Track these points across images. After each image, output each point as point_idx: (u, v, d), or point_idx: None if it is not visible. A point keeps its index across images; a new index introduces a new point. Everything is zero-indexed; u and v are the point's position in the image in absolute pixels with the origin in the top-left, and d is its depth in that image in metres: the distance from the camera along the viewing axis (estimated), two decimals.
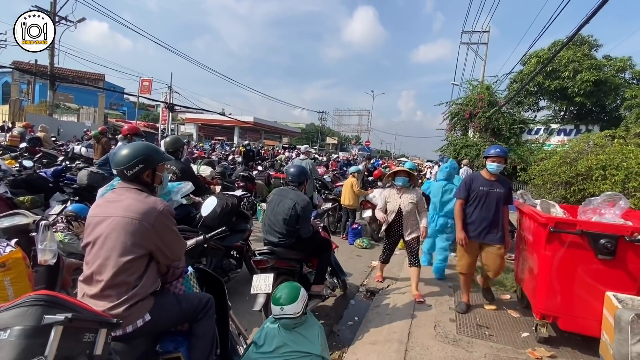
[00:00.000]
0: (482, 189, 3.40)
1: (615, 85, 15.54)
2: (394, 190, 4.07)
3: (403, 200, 3.96)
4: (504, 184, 3.47)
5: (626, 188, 4.20)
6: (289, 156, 16.93)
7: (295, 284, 2.18)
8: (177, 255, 1.78)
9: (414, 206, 3.96)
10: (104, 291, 1.54)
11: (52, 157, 7.92)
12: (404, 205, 3.95)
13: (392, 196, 4.06)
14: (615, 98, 15.83)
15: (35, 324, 1.11)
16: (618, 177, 4.22)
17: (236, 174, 8.06)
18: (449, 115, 18.77)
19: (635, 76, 16.08)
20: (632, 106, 12.93)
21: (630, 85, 15.44)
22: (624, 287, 2.68)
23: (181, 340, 1.82)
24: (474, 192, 3.45)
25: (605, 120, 16.27)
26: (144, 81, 22.48)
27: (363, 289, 4.57)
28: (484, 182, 3.43)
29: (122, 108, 38.00)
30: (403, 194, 3.99)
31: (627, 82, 15.93)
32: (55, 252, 2.25)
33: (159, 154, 1.87)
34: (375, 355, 2.85)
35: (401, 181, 3.99)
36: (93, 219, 1.67)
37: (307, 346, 1.98)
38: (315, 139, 49.36)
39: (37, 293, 1.20)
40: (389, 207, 4.05)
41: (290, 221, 3.09)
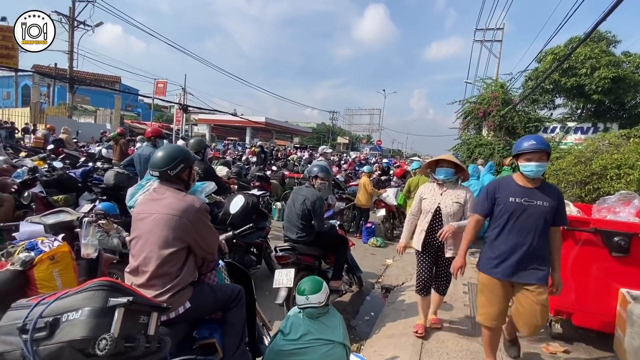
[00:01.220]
0: (515, 200, 2.32)
1: (634, 82, 15.15)
2: (433, 184, 3.12)
3: (445, 199, 2.97)
4: (550, 193, 2.32)
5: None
6: (301, 156, 17.13)
7: (318, 277, 2.32)
8: (211, 249, 1.93)
9: (459, 208, 2.92)
10: (150, 281, 1.70)
11: (74, 158, 8.24)
12: (446, 206, 2.94)
13: (429, 192, 3.08)
14: (634, 95, 15.44)
15: (102, 305, 1.27)
16: (633, 176, 4.22)
17: (251, 174, 8.24)
18: (462, 114, 18.63)
19: None
20: None
21: None
22: (638, 284, 2.73)
23: (215, 327, 1.97)
24: (502, 205, 2.37)
25: (625, 118, 15.89)
26: (158, 83, 23.00)
27: (378, 286, 4.69)
28: (517, 190, 2.35)
29: (136, 109, 38.84)
30: (446, 190, 3.02)
31: None
32: (96, 246, 2.45)
33: (192, 154, 2.05)
34: (393, 347, 2.97)
35: (443, 173, 2.98)
36: (138, 215, 1.84)
37: (330, 335, 2.11)
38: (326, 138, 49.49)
39: (100, 279, 1.37)
40: (424, 206, 3.07)
41: (304, 216, 3.27)
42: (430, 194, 3.07)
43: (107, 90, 27.21)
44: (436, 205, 2.98)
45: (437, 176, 3.04)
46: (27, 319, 1.29)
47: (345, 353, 2.15)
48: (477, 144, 16.91)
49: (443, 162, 3.03)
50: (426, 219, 3.02)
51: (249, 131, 36.45)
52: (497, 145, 16.11)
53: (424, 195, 3.10)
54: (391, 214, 7.14)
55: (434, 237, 2.98)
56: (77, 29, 17.33)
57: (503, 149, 15.77)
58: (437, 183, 3.08)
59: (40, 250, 2.14)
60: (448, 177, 3.00)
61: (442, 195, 3.01)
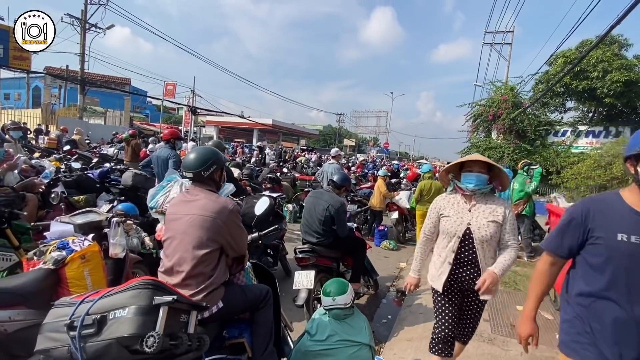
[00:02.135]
0: (630, 240, 1.34)
1: None
2: (457, 196, 2.22)
3: (476, 217, 2.10)
4: None
5: None
6: (308, 158, 17.16)
7: (343, 279, 2.34)
8: (242, 249, 1.96)
9: (496, 229, 2.07)
10: (185, 281, 1.73)
11: (87, 159, 8.36)
12: (479, 227, 2.07)
13: (452, 207, 2.19)
14: None
15: (148, 304, 1.29)
16: None
17: (263, 176, 8.29)
18: (471, 117, 18.56)
19: None
20: None
21: None
22: None
23: (244, 327, 1.99)
24: (604, 245, 1.40)
25: (637, 122, 15.72)
26: (168, 85, 23.24)
27: (393, 289, 4.68)
28: (632, 220, 1.37)
29: (145, 111, 39.23)
30: (476, 204, 2.13)
31: None
32: (124, 246, 2.49)
33: (223, 155, 2.08)
34: (413, 350, 2.96)
35: (474, 181, 2.09)
36: (171, 216, 1.87)
37: (357, 336, 2.12)
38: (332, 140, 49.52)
39: (144, 278, 1.40)
40: (445, 228, 2.16)
41: (326, 222, 3.27)
42: (454, 211, 2.13)
43: (117, 92, 27.55)
44: (465, 226, 2.07)
45: (465, 185, 2.10)
46: (74, 316, 1.32)
47: (371, 355, 2.15)
48: (487, 147, 16.84)
49: (472, 164, 2.10)
50: (450, 246, 2.11)
51: (256, 133, 36.61)
52: (507, 148, 16.02)
53: (444, 211, 2.17)
54: (403, 217, 7.12)
55: (462, 272, 2.10)
56: (89, 32, 17.60)
57: (513, 152, 15.68)
58: (463, 194, 2.15)
59: (72, 249, 2.18)
60: (480, 185, 2.07)
61: (471, 211, 2.09)
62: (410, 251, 6.45)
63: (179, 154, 5.03)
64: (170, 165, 4.69)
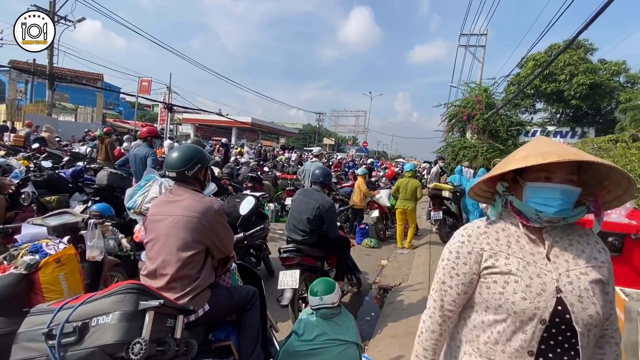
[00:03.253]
0: None
1: (610, 89, 15.90)
2: (512, 228, 1.07)
3: (565, 272, 0.97)
4: None
5: None
6: (289, 157, 17.08)
7: (329, 279, 2.34)
8: (228, 250, 1.92)
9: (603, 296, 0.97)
10: (169, 284, 1.68)
11: (58, 158, 7.98)
12: (579, 296, 0.94)
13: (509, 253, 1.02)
14: (610, 101, 16.20)
15: (133, 309, 1.24)
16: None
17: (243, 175, 8.18)
18: (447, 117, 19.03)
19: (629, 80, 16.45)
20: (626, 109, 13.27)
21: (624, 89, 15.80)
22: (631, 282, 2.86)
23: (231, 329, 1.95)
24: None
25: (601, 123, 16.64)
26: (143, 81, 22.50)
27: (375, 287, 4.73)
28: None
29: (118, 108, 37.85)
30: (559, 242, 1.02)
31: (621, 86, 16.30)
32: (102, 249, 2.39)
33: (207, 154, 2.03)
34: (397, 347, 3.01)
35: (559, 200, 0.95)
36: (154, 217, 1.81)
37: (344, 335, 2.13)
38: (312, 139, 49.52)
39: (129, 282, 1.34)
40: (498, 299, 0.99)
41: (314, 221, 3.25)
42: (518, 260, 1.01)
43: (88, 88, 26.40)
44: (552, 296, 0.95)
45: (538, 208, 0.97)
46: (52, 323, 1.25)
47: (358, 353, 2.17)
48: (462, 146, 17.32)
49: (553, 167, 0.97)
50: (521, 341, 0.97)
51: (235, 131, 36.07)
52: (480, 147, 16.54)
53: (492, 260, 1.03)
54: (384, 215, 7.22)
55: None
56: (58, 24, 16.75)
57: (486, 151, 16.20)
58: (526, 225, 1.04)
59: (46, 253, 2.07)
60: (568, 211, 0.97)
61: (552, 260, 1.00)
62: (391, 249, 6.55)
63: (155, 152, 4.89)
64: (149, 164, 4.55)
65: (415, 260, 5.70)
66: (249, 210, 2.73)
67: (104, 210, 3.73)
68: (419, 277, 4.74)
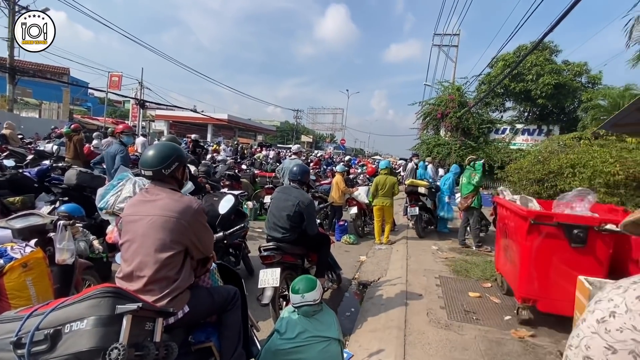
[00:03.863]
0: None
1: (573, 89, 16.74)
2: None
3: None
4: None
5: (592, 184, 4.70)
6: (267, 154, 16.93)
7: (311, 276, 2.34)
8: (208, 250, 1.88)
9: None
10: (147, 286, 1.62)
11: (21, 156, 7.53)
12: None
13: None
14: (573, 100, 17.05)
15: (110, 313, 1.20)
16: (585, 174, 4.71)
17: (220, 173, 8.03)
18: (421, 115, 19.46)
19: (590, 80, 17.37)
20: (587, 108, 14.02)
21: (586, 89, 16.68)
22: (593, 271, 3.04)
23: (211, 331, 1.92)
24: None
25: (564, 121, 17.50)
26: (113, 76, 21.56)
27: (355, 282, 4.79)
28: None
29: (86, 104, 36.10)
30: None
31: (583, 86, 17.20)
32: (73, 251, 2.29)
33: (184, 151, 1.98)
34: (377, 341, 3.06)
35: None
36: (129, 217, 1.74)
37: (326, 331, 2.14)
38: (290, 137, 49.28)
39: (104, 286, 1.29)
40: None
41: (294, 218, 3.24)
42: None
43: (53, 83, 25.00)
44: None
45: None
46: (21, 332, 1.19)
47: (340, 349, 2.19)
48: (436, 143, 17.79)
49: None
50: None
51: (211, 128, 35.29)
52: (454, 145, 17.05)
53: None
54: (362, 212, 7.30)
55: None
56: (19, 14, 15.75)
57: (459, 148, 16.72)
58: None
59: (11, 257, 1.96)
60: None
61: None
62: (370, 244, 6.64)
63: (126, 150, 4.71)
64: (117, 161, 4.39)
65: (393, 255, 5.81)
66: (229, 209, 2.69)
67: (74, 211, 3.57)
68: (396, 272, 4.83)
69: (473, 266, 5.02)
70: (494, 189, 8.96)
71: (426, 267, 4.99)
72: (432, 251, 5.90)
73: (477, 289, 4.24)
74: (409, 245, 6.22)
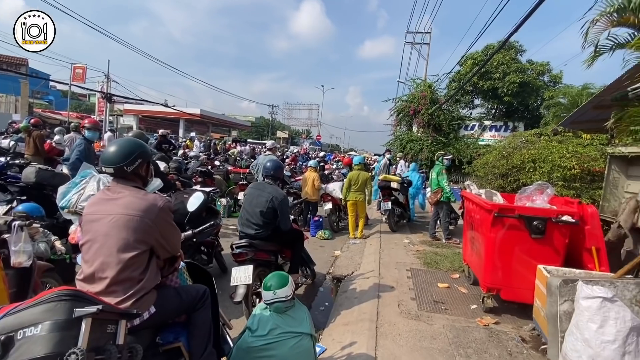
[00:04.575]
0: None
1: (536, 87, 17.59)
2: None
3: None
4: None
5: (551, 178, 4.99)
6: (241, 150, 16.67)
7: (283, 272, 2.34)
8: (175, 249, 1.84)
9: None
10: (109, 287, 1.57)
11: None
12: None
13: None
14: (536, 98, 17.92)
15: (67, 317, 1.15)
16: (545, 168, 4.99)
17: (192, 169, 7.84)
18: (395, 112, 19.82)
19: (552, 79, 18.30)
20: (549, 106, 14.78)
21: (548, 88, 17.56)
22: (551, 260, 3.23)
23: (180, 330, 1.88)
24: None
25: (528, 118, 18.35)
26: (76, 68, 20.44)
27: (329, 277, 4.84)
28: None
29: (48, 97, 34.06)
30: None
31: (545, 85, 18.10)
32: (30, 253, 2.17)
33: (148, 147, 1.91)
34: (350, 334, 3.11)
35: None
36: (90, 216, 1.67)
37: (298, 327, 2.15)
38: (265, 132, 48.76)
39: (60, 289, 1.23)
40: None
41: (267, 214, 3.23)
42: None
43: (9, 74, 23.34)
44: None
45: None
46: None
47: (312, 344, 2.20)
48: (409, 139, 18.20)
49: None
50: None
51: (183, 123, 34.29)
52: (425, 141, 17.50)
53: None
54: (337, 207, 7.36)
55: None
56: None
57: (431, 144, 17.19)
58: None
59: None
60: None
61: None
62: (344, 239, 6.72)
63: (85, 145, 4.51)
64: (72, 157, 4.20)
65: (367, 249, 5.91)
66: (198, 207, 2.63)
67: (32, 211, 3.38)
68: (370, 266, 4.93)
69: (442, 258, 5.19)
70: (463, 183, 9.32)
71: (398, 260, 5.12)
72: (404, 244, 6.05)
73: (446, 280, 4.40)
74: (382, 239, 6.35)
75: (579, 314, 2.38)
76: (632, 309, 2.48)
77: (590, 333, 2.26)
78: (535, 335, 3.12)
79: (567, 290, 2.56)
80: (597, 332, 2.24)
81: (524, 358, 2.83)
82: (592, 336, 2.25)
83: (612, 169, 4.62)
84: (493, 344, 3.00)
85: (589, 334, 2.26)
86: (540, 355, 2.85)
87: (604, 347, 2.21)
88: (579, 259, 3.40)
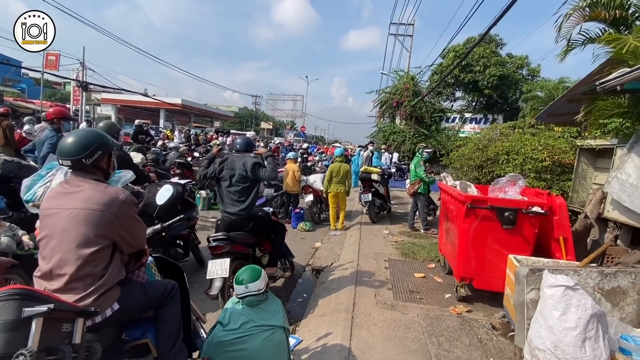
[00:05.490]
0: None
1: (515, 80, 17.96)
2: None
3: None
4: None
5: (524, 170, 5.13)
6: (223, 141, 16.40)
7: (255, 266, 2.32)
8: (140, 244, 1.79)
9: None
10: (68, 284, 1.51)
11: None
12: None
13: None
14: (515, 91, 18.32)
15: (15, 317, 1.11)
16: (517, 160, 5.12)
17: (171, 161, 7.67)
18: (378, 103, 19.88)
19: (530, 73, 18.72)
20: (527, 99, 15.14)
21: (526, 81, 17.96)
22: (522, 250, 3.33)
23: (147, 326, 1.85)
24: None
25: (507, 111, 18.77)
26: (49, 55, 19.52)
27: (309, 269, 4.86)
28: None
29: (20, 85, 32.57)
30: None
31: (524, 78, 18.50)
32: None
33: (110, 138, 1.83)
34: (326, 325, 3.14)
35: None
36: (47, 211, 1.61)
37: (271, 320, 2.15)
38: (249, 123, 48.14)
39: (10, 287, 1.19)
40: None
41: (246, 178, 3.29)
42: None
43: None
44: None
45: None
46: None
47: (285, 336, 2.21)
48: (392, 131, 18.33)
49: None
50: None
51: (163, 113, 33.39)
52: (408, 132, 17.66)
53: None
54: (318, 199, 7.36)
55: None
56: None
57: (413, 136, 17.37)
58: None
59: None
60: None
61: None
62: (325, 231, 6.75)
63: (58, 136, 4.33)
64: (44, 149, 4.04)
65: (347, 240, 5.96)
66: (167, 199, 2.56)
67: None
68: (349, 257, 4.97)
69: (420, 248, 5.29)
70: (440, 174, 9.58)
71: (377, 251, 5.18)
72: (383, 235, 6.12)
73: (422, 270, 4.49)
74: (362, 230, 6.41)
75: (543, 301, 2.47)
76: (594, 297, 2.59)
77: (553, 320, 2.35)
78: (505, 322, 3.23)
79: (533, 279, 2.64)
80: (560, 319, 2.33)
81: (494, 345, 2.93)
82: (555, 323, 2.34)
83: (581, 161, 4.78)
84: (465, 331, 3.09)
85: (552, 321, 2.35)
86: (508, 341, 2.95)
87: (566, 334, 2.30)
88: (547, 248, 3.52)
